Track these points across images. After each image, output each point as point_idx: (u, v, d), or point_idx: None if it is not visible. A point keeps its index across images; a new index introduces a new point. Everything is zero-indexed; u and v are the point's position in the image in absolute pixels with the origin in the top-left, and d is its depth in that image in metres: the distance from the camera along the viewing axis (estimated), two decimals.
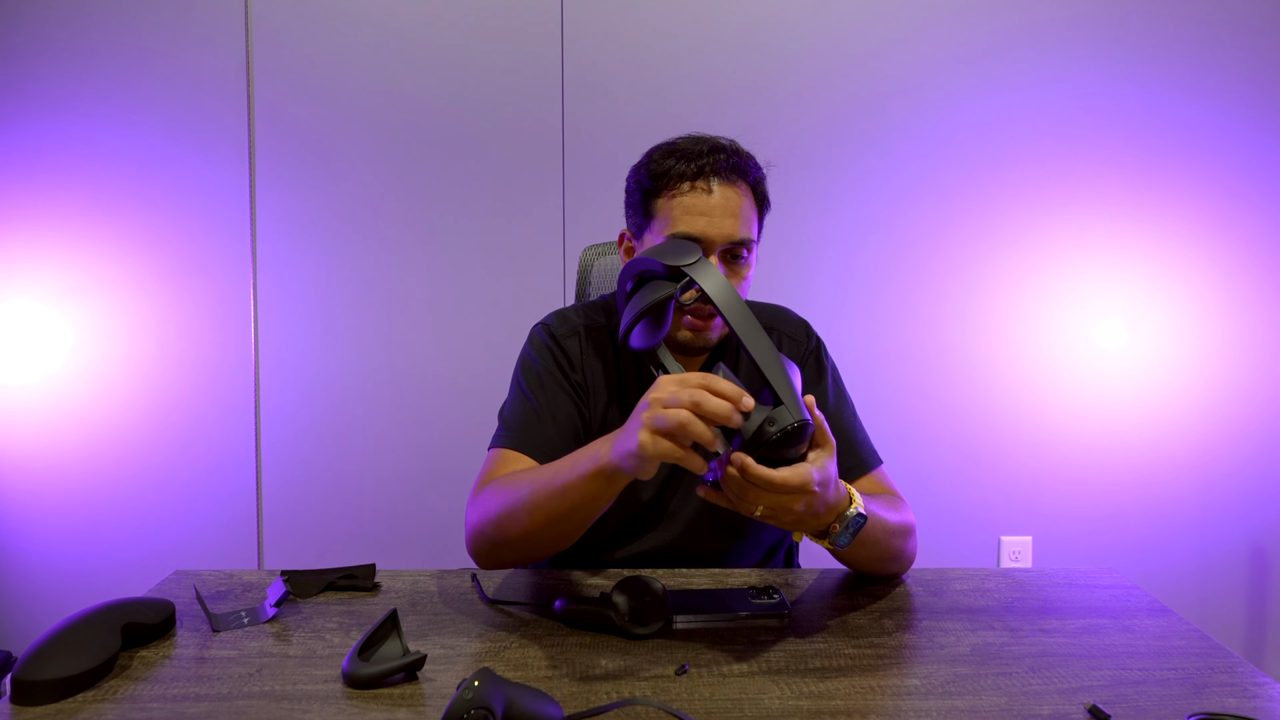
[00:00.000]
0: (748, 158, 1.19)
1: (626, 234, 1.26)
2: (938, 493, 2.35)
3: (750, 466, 0.83)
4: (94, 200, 2.24)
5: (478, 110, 2.26)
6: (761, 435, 0.83)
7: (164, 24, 2.22)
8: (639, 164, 1.22)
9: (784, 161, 2.26)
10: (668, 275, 0.99)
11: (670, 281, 0.98)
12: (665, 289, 0.98)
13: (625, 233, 1.27)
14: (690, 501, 1.24)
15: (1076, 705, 0.80)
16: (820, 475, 0.86)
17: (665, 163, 1.17)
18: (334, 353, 2.29)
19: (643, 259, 1.01)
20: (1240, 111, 2.29)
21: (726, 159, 1.15)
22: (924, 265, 2.32)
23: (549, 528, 0.99)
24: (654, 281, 1.00)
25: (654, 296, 0.98)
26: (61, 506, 2.29)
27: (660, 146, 1.20)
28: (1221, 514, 2.38)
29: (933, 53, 2.27)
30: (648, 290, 1.00)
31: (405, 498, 2.31)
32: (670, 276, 0.98)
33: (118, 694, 0.81)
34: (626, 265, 1.04)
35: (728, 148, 1.18)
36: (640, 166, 1.21)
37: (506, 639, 0.93)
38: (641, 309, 0.98)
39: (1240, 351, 2.35)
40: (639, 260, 1.02)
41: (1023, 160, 2.30)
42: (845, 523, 0.92)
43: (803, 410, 0.85)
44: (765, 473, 0.83)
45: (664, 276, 0.99)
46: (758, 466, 0.83)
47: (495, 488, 1.06)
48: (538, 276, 2.29)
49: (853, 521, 0.92)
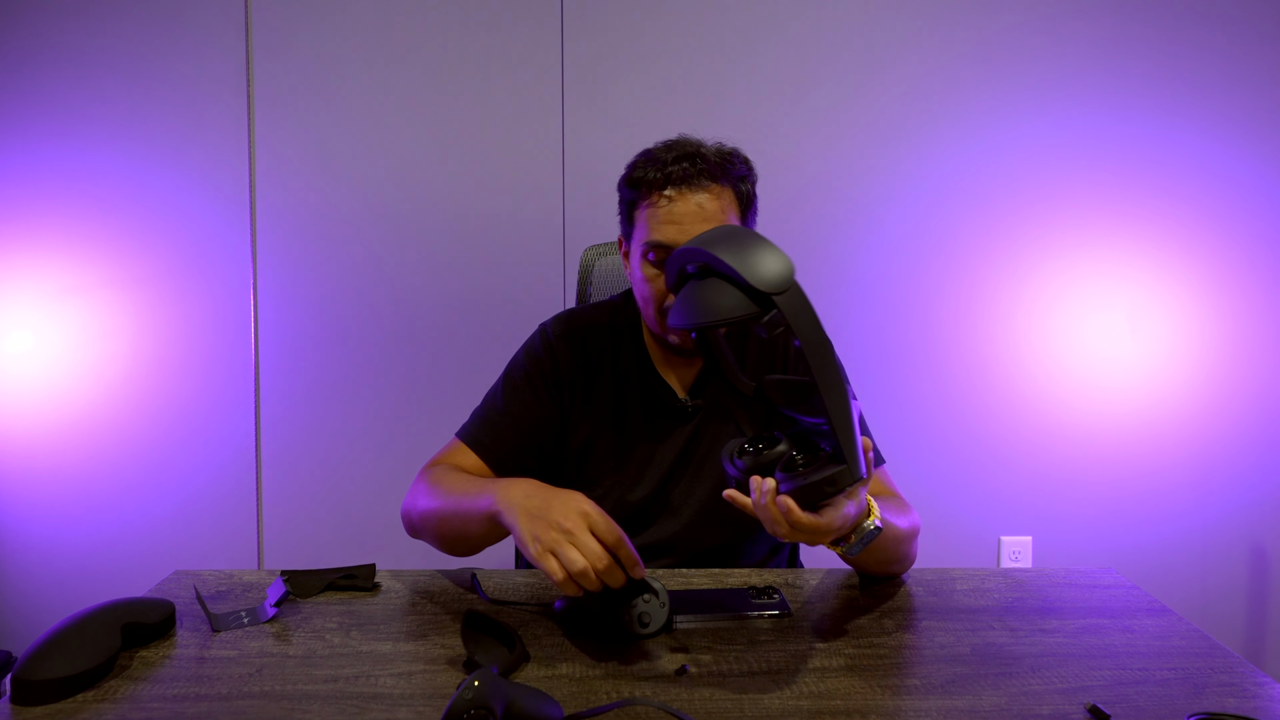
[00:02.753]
0: (728, 157, 1.18)
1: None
2: (938, 493, 2.35)
3: (794, 513, 0.84)
4: (94, 200, 2.24)
5: (478, 110, 2.25)
6: (819, 493, 0.84)
7: (164, 23, 2.22)
8: (623, 173, 1.22)
9: (779, 158, 2.26)
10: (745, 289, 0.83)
11: (748, 298, 0.83)
12: (743, 308, 0.83)
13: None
14: (694, 495, 1.24)
15: (1076, 705, 0.80)
16: (856, 510, 0.89)
17: (639, 172, 1.18)
18: (334, 353, 2.29)
19: (710, 256, 0.86)
20: (1241, 113, 2.29)
21: (693, 165, 1.14)
22: (923, 265, 2.31)
23: (445, 540, 1.13)
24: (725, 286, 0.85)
25: (725, 315, 0.84)
26: (62, 506, 2.29)
27: (640, 154, 1.21)
28: (1221, 514, 2.37)
29: (931, 48, 2.27)
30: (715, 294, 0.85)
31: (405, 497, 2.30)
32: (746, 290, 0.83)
33: (118, 694, 0.81)
34: (687, 246, 0.90)
35: (700, 152, 1.16)
36: (623, 175, 1.22)
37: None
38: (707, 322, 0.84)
39: (1240, 352, 2.35)
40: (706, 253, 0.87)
41: (1022, 161, 2.30)
42: (862, 534, 0.92)
43: (863, 470, 0.85)
44: (811, 521, 0.84)
45: (738, 284, 0.84)
46: (803, 516, 0.84)
47: (425, 483, 1.17)
48: (538, 276, 2.29)
49: (869, 534, 0.92)
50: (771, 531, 0.87)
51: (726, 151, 1.19)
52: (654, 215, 1.15)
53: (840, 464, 0.83)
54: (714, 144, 1.20)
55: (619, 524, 1.23)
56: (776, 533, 0.86)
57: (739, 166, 1.19)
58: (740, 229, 0.91)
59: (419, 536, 1.19)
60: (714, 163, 1.16)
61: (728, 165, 1.17)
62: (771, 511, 0.85)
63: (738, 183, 1.18)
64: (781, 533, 0.86)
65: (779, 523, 0.85)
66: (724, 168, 1.16)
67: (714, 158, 1.17)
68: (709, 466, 1.24)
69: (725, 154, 1.18)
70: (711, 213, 1.14)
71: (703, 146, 1.18)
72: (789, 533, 0.86)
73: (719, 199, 1.15)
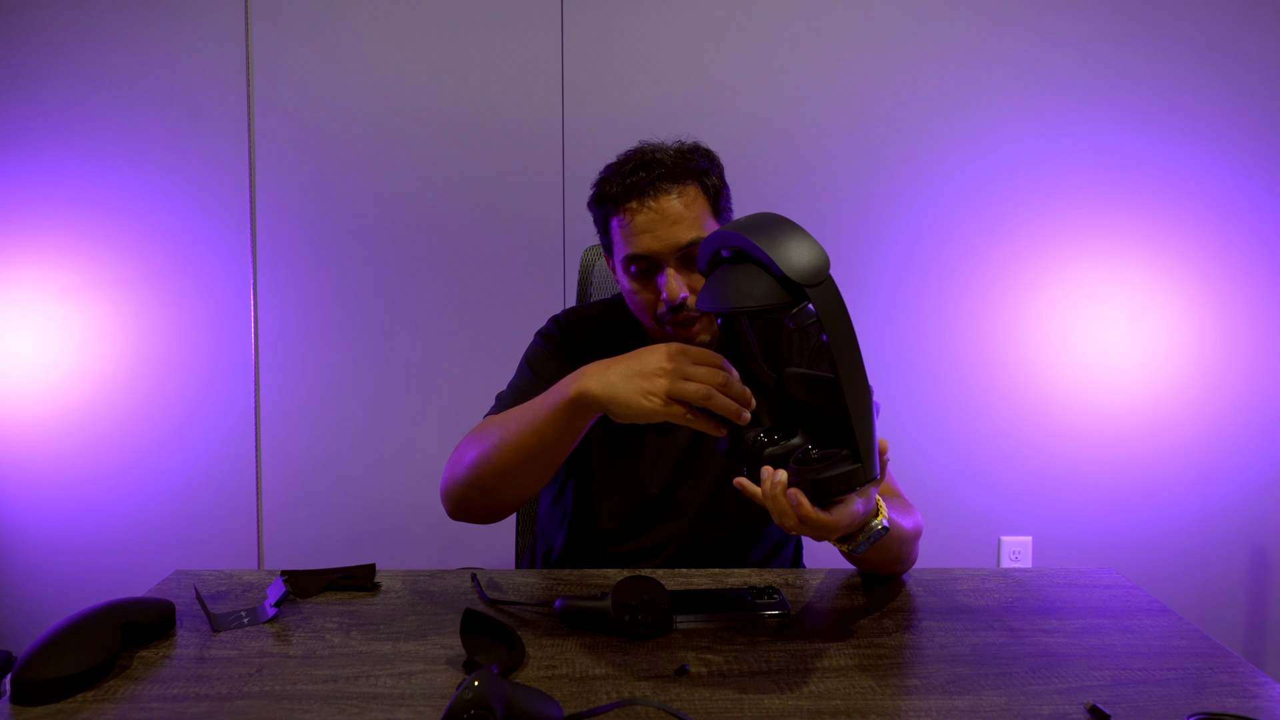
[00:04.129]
0: (686, 155, 1.17)
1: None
2: (938, 493, 2.35)
3: (804, 507, 0.84)
4: (95, 200, 2.24)
5: (478, 111, 2.25)
6: (831, 489, 0.83)
7: (164, 21, 2.22)
8: (590, 192, 1.22)
9: (777, 156, 2.26)
10: (780, 279, 0.82)
11: (781, 288, 0.82)
12: (775, 297, 0.82)
13: None
14: (699, 494, 1.24)
15: (1076, 705, 0.80)
16: (865, 508, 0.89)
17: (603, 188, 1.18)
18: (334, 353, 2.29)
19: (748, 241, 0.84)
20: (1236, 126, 2.29)
21: (650, 172, 1.14)
22: (921, 267, 2.32)
23: (520, 466, 1.04)
24: (759, 273, 0.83)
25: (754, 303, 0.82)
26: (62, 506, 2.29)
27: (602, 170, 1.21)
28: (1221, 514, 2.37)
29: (930, 40, 2.27)
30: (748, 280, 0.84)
31: (405, 498, 2.31)
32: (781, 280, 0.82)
33: (118, 694, 0.81)
34: (724, 230, 0.88)
35: (655, 158, 1.16)
36: (590, 194, 1.22)
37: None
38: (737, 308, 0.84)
39: (1240, 352, 2.35)
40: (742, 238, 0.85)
41: (1021, 168, 2.30)
42: (869, 534, 0.92)
43: (877, 470, 0.84)
44: (820, 517, 0.84)
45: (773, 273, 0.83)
46: (813, 510, 0.84)
47: (471, 438, 1.11)
48: (538, 276, 2.29)
49: (876, 534, 0.92)
50: (779, 523, 0.87)
51: (685, 150, 1.19)
52: (625, 229, 1.15)
53: (855, 463, 0.83)
54: (673, 144, 1.20)
55: (635, 517, 1.24)
56: (784, 524, 0.86)
57: (699, 161, 1.18)
58: (779, 218, 0.87)
59: (470, 495, 1.10)
60: (671, 165, 1.15)
61: (686, 163, 1.17)
62: (780, 503, 0.85)
63: (700, 177, 1.17)
64: (789, 525, 0.86)
65: (787, 515, 0.85)
66: (683, 167, 1.16)
67: (670, 160, 1.16)
68: (715, 462, 1.24)
69: (684, 153, 1.18)
70: (679, 214, 1.13)
71: (658, 151, 1.18)
72: (796, 526, 0.85)
73: (683, 198, 1.14)
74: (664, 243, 1.13)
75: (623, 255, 1.17)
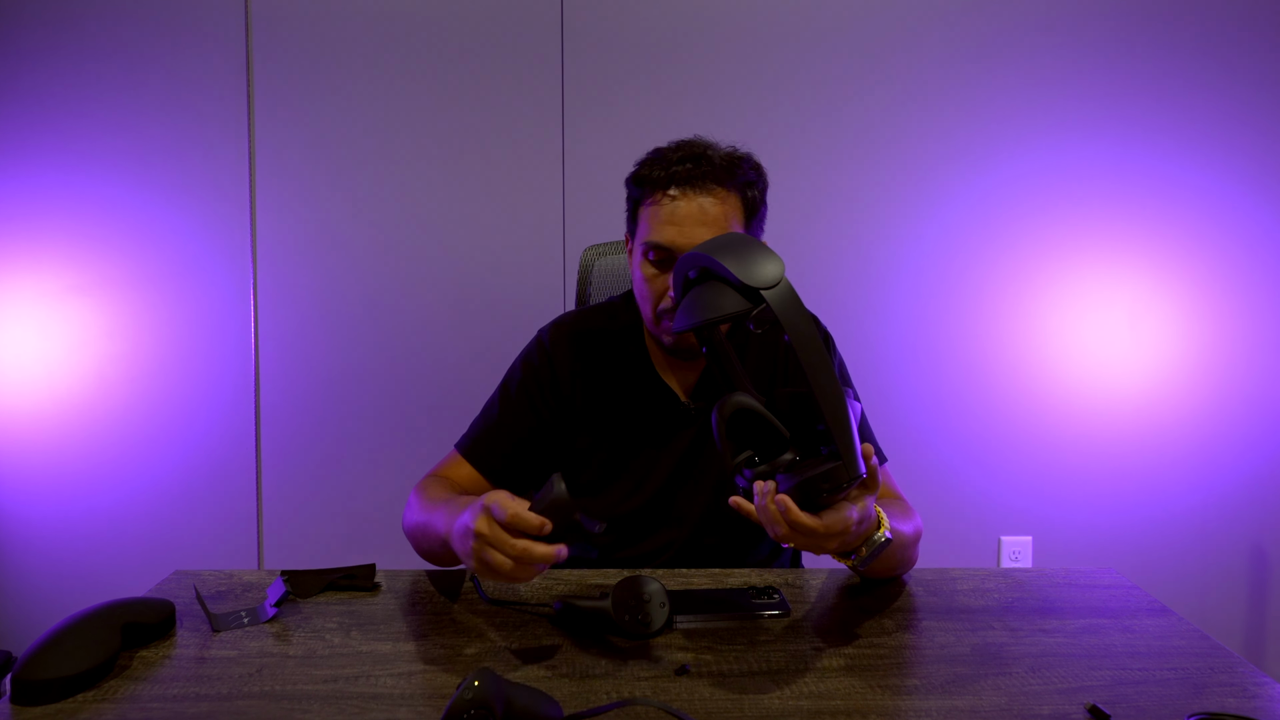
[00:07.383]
0: (736, 162, 1.15)
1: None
2: (938, 493, 2.35)
3: (792, 511, 0.83)
4: (95, 200, 2.24)
5: (478, 110, 2.25)
6: (814, 490, 0.83)
7: (164, 22, 2.21)
8: (632, 169, 1.21)
9: (776, 155, 2.26)
10: (739, 288, 0.87)
11: (741, 295, 0.87)
12: (735, 304, 0.86)
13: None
14: (697, 499, 1.24)
15: (1076, 705, 0.80)
16: (859, 516, 0.87)
17: (645, 169, 1.17)
18: (334, 353, 2.29)
19: (711, 260, 0.89)
20: (1235, 142, 2.29)
21: (698, 166, 1.12)
22: (923, 266, 2.32)
23: (428, 555, 1.12)
24: (721, 287, 0.88)
25: (719, 313, 0.87)
26: (62, 506, 2.29)
27: (650, 152, 1.19)
28: (1221, 514, 2.37)
29: (929, 36, 2.27)
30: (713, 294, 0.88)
31: (405, 498, 2.29)
32: (740, 289, 0.87)
33: (118, 694, 0.81)
34: (691, 253, 0.93)
35: (707, 154, 1.14)
36: (631, 172, 1.20)
37: (506, 639, 0.93)
38: (704, 320, 0.88)
39: (1240, 352, 2.35)
40: (707, 258, 0.90)
41: (1024, 174, 2.30)
42: (872, 547, 0.92)
43: (860, 467, 0.84)
44: (808, 521, 0.83)
45: (732, 284, 0.87)
46: (801, 514, 0.83)
47: (416, 495, 1.17)
48: (538, 276, 2.29)
49: (879, 546, 0.92)
50: (773, 535, 0.86)
51: (737, 156, 1.17)
52: (655, 215, 1.14)
53: (836, 460, 0.83)
54: (726, 147, 1.17)
55: (634, 523, 1.23)
56: (776, 534, 0.86)
57: (747, 172, 1.16)
58: (740, 236, 0.92)
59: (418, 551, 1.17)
60: (720, 166, 1.13)
61: (735, 169, 1.14)
62: (770, 511, 0.84)
63: (744, 188, 1.15)
64: (781, 534, 0.85)
65: (778, 522, 0.84)
66: (730, 171, 1.14)
67: (720, 161, 1.14)
68: (712, 470, 1.24)
69: (734, 158, 1.16)
70: (714, 217, 1.12)
71: (711, 149, 1.16)
72: (788, 533, 0.85)
73: (723, 203, 1.12)
74: (688, 239, 1.11)
75: (644, 239, 1.15)
